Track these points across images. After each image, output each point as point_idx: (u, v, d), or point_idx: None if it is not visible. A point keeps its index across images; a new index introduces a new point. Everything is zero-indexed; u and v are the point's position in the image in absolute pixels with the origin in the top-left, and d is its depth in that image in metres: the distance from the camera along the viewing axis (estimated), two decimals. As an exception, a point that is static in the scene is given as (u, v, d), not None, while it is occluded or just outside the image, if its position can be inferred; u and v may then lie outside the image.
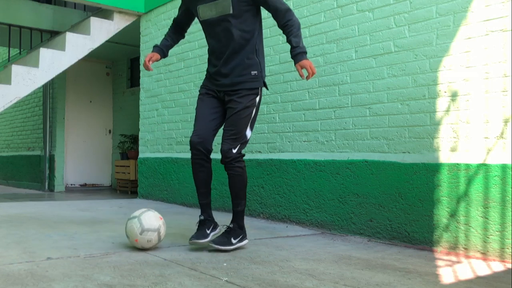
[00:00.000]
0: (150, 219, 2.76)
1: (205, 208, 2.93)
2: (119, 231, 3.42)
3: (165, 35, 3.20)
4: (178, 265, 2.44)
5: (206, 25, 2.92)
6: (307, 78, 2.73)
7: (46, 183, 8.01)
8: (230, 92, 2.87)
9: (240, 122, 2.83)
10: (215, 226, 2.94)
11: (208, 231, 2.86)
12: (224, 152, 2.83)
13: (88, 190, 8.19)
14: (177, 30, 3.21)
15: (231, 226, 2.89)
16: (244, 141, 2.88)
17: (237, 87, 2.85)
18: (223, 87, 2.89)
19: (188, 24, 3.20)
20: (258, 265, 2.49)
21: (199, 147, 2.84)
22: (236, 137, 2.83)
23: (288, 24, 2.78)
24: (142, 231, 2.71)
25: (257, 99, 2.88)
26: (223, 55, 2.87)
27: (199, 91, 3.03)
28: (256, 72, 2.85)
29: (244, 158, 3.02)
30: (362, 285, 2.14)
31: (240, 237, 2.89)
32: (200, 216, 2.92)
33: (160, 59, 3.15)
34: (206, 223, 2.89)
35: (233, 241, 2.85)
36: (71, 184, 8.43)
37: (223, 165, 2.88)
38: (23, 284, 2.00)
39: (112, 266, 2.36)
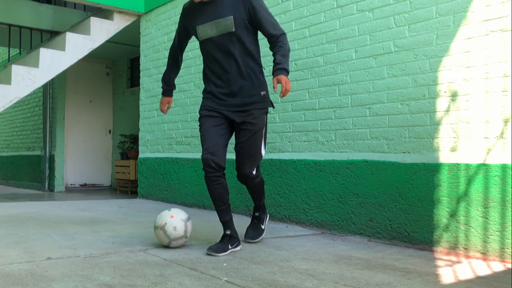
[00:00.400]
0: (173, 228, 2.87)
1: (229, 224, 2.89)
2: (119, 231, 3.42)
3: (167, 71, 3.21)
4: (178, 265, 2.44)
5: (206, 45, 2.87)
6: (281, 95, 2.70)
7: (46, 183, 8.01)
8: (241, 113, 2.86)
9: (256, 145, 2.92)
10: (238, 243, 2.88)
11: (230, 247, 2.80)
12: (245, 175, 2.97)
13: (88, 190, 8.19)
14: (177, 58, 3.18)
15: (256, 214, 3.24)
16: (260, 160, 3.01)
17: (248, 107, 2.84)
18: (232, 107, 2.86)
19: (185, 47, 3.18)
20: (258, 265, 2.49)
21: (213, 164, 2.79)
22: (255, 160, 2.96)
23: (278, 44, 2.81)
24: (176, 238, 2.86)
25: (265, 118, 2.96)
26: (228, 75, 2.84)
27: (200, 112, 2.96)
28: (264, 92, 2.88)
29: (259, 172, 3.13)
30: (362, 285, 2.14)
31: (266, 220, 3.27)
32: (226, 231, 2.87)
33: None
34: (231, 238, 2.85)
35: (262, 226, 3.20)
36: (71, 184, 8.43)
37: (242, 182, 3.08)
38: (23, 284, 2.00)
39: (112, 266, 2.36)
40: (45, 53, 5.55)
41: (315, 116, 3.82)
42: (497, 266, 2.59)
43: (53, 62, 5.60)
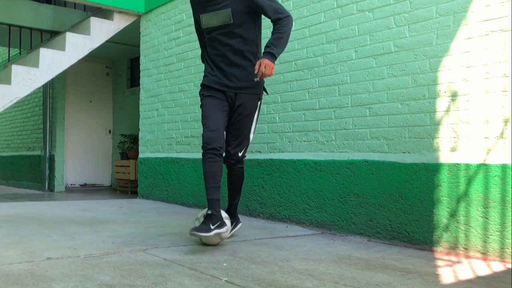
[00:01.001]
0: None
1: (214, 204, 2.90)
2: (119, 231, 3.42)
3: (202, 50, 3.30)
4: (178, 265, 2.44)
5: (208, 32, 3.05)
6: (258, 74, 2.79)
7: (46, 183, 8.01)
8: (234, 96, 3.01)
9: (246, 127, 3.08)
10: (222, 224, 2.87)
11: (212, 226, 2.79)
12: (231, 154, 3.09)
13: (88, 190, 8.19)
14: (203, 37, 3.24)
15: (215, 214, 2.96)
16: (248, 144, 3.16)
17: (241, 91, 3.01)
18: (230, 88, 3.02)
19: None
20: (258, 265, 2.49)
21: (212, 142, 2.89)
22: (243, 141, 3.10)
23: (279, 26, 2.91)
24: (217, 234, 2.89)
25: (259, 103, 3.12)
26: (227, 60, 3.01)
27: (201, 93, 3.10)
28: (258, 79, 2.94)
29: (244, 158, 3.14)
30: (362, 285, 2.14)
31: (235, 223, 3.26)
32: (208, 210, 2.87)
33: None
34: (212, 218, 2.83)
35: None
36: (71, 184, 8.43)
37: (227, 164, 3.13)
38: (23, 284, 2.00)
39: (112, 266, 2.36)
40: (45, 53, 5.55)
41: (315, 116, 3.82)
42: (497, 266, 2.59)
43: (53, 62, 5.60)
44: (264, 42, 3.08)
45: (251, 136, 3.15)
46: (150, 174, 5.85)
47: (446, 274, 2.39)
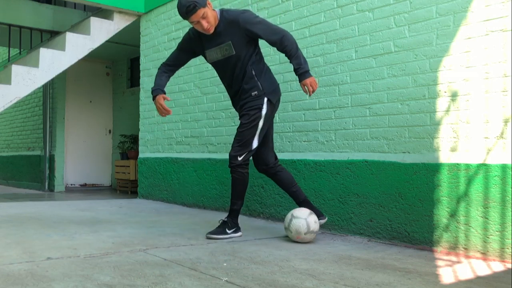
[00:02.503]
0: (314, 223, 3.10)
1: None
2: (119, 231, 3.42)
3: (159, 75, 3.43)
4: (178, 265, 2.44)
5: (214, 65, 3.39)
6: (310, 94, 3.16)
7: (46, 183, 8.01)
8: (240, 114, 3.34)
9: (245, 133, 3.21)
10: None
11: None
12: (231, 157, 3.22)
13: (88, 190, 8.19)
14: (171, 69, 3.50)
15: (225, 220, 3.29)
16: (249, 150, 3.22)
17: (243, 108, 3.28)
18: (236, 107, 3.42)
19: (185, 63, 3.56)
20: (258, 265, 2.49)
21: (262, 166, 3.42)
22: (242, 146, 3.21)
23: (286, 49, 3.15)
24: (307, 231, 3.06)
25: (263, 112, 3.22)
26: (231, 87, 3.35)
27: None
28: (256, 92, 3.23)
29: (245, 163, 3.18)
30: (362, 285, 2.14)
31: (234, 229, 3.29)
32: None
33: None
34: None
35: (228, 231, 3.25)
36: (71, 184, 8.43)
37: (229, 168, 3.26)
38: (23, 284, 2.00)
39: (112, 266, 2.36)
40: (45, 53, 5.55)
41: (315, 116, 3.82)
42: (497, 266, 2.59)
43: (53, 62, 5.60)
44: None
45: (255, 143, 3.24)
46: (150, 174, 5.85)
47: (446, 274, 2.39)
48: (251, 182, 4.34)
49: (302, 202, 3.33)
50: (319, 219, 3.21)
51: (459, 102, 2.94)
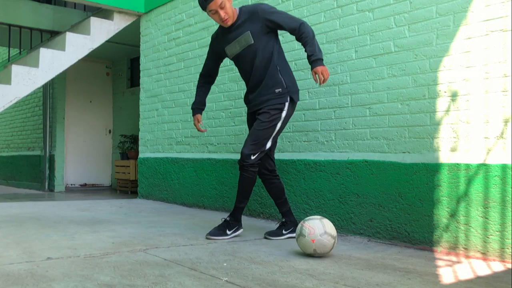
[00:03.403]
0: (330, 225, 2.75)
1: (285, 215, 3.34)
2: (119, 231, 3.42)
3: (197, 90, 3.59)
4: (178, 265, 2.44)
5: (235, 60, 3.35)
6: (320, 83, 3.08)
7: (46, 183, 8.01)
8: (259, 111, 3.23)
9: (262, 132, 3.15)
10: (295, 229, 3.14)
11: (285, 232, 3.30)
12: (244, 156, 3.15)
13: (88, 190, 8.19)
14: (207, 81, 3.59)
15: (228, 219, 3.27)
16: (262, 150, 3.19)
17: (264, 105, 3.19)
18: (253, 107, 3.30)
19: (216, 71, 3.58)
20: (258, 265, 2.49)
21: (262, 169, 3.32)
22: (257, 145, 3.15)
23: (302, 36, 3.13)
24: (323, 233, 2.68)
25: (283, 114, 3.18)
26: (251, 80, 3.28)
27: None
28: (280, 89, 3.18)
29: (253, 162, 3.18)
30: (362, 285, 2.14)
31: (235, 228, 3.27)
32: (282, 219, 3.38)
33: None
34: (285, 224, 3.33)
35: (228, 232, 3.24)
36: (71, 184, 8.43)
37: (239, 165, 3.20)
38: (23, 284, 2.00)
39: (112, 266, 2.36)
40: (45, 53, 5.55)
41: (315, 116, 3.82)
42: (497, 266, 2.59)
43: (53, 62, 5.60)
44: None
45: (268, 144, 3.20)
46: (150, 174, 5.85)
47: (446, 274, 2.39)
48: (251, 182, 4.34)
49: (286, 212, 3.34)
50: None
51: (459, 102, 2.94)
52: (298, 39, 3.17)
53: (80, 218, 4.10)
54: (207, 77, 3.58)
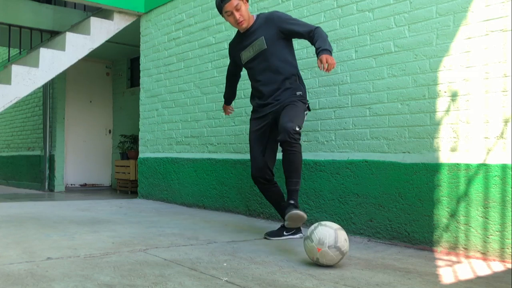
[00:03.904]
0: (344, 239, 2.48)
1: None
2: (119, 231, 3.42)
3: (225, 86, 3.72)
4: (178, 265, 2.44)
5: (248, 64, 3.33)
6: (326, 69, 2.89)
7: (46, 183, 8.01)
8: (279, 109, 3.16)
9: (296, 109, 3.08)
10: (296, 232, 3.34)
11: (286, 234, 3.32)
12: (291, 130, 2.93)
13: (88, 190, 8.19)
14: (232, 78, 3.68)
15: (292, 202, 2.97)
16: (301, 125, 3.03)
17: (288, 99, 3.16)
18: (271, 107, 3.23)
19: (239, 72, 3.65)
20: (258, 265, 2.49)
21: (260, 179, 3.31)
22: (296, 118, 3.02)
23: (315, 36, 3.09)
24: (333, 245, 2.42)
25: (306, 107, 3.20)
26: (266, 83, 3.23)
27: (250, 119, 3.43)
28: (301, 92, 3.20)
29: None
30: (362, 285, 2.14)
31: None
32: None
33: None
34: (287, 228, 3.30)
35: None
36: (71, 184, 8.43)
37: (285, 143, 2.98)
38: (23, 284, 2.00)
39: (112, 266, 2.36)
40: (45, 53, 5.55)
41: (315, 116, 3.82)
42: (497, 266, 2.59)
43: (53, 62, 5.60)
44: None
45: (301, 123, 3.06)
46: (150, 174, 5.85)
47: (446, 274, 2.39)
48: (250, 182, 4.34)
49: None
50: (297, 234, 3.32)
51: (459, 102, 2.94)
52: (310, 39, 3.13)
53: (80, 218, 4.10)
54: (233, 76, 3.67)
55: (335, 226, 2.52)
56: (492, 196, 2.73)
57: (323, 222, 2.55)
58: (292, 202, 2.96)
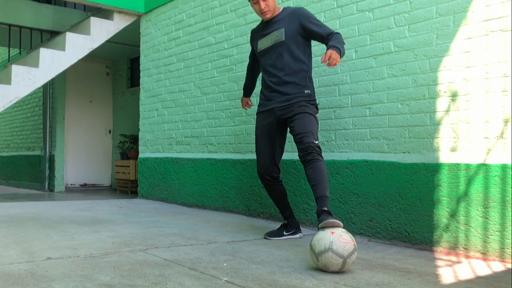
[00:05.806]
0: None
1: (288, 218, 3.38)
2: (119, 231, 3.42)
3: (245, 78, 3.71)
4: (178, 265, 2.44)
5: (263, 54, 3.30)
6: (328, 63, 2.85)
7: (46, 183, 8.01)
8: (288, 106, 3.13)
9: (306, 121, 3.05)
10: (296, 231, 3.36)
11: (286, 233, 3.32)
12: (311, 144, 2.95)
13: (88, 190, 8.19)
14: (251, 68, 3.64)
15: (325, 209, 2.82)
16: (315, 134, 3.04)
17: (294, 101, 3.12)
18: (280, 102, 3.17)
19: (257, 66, 3.56)
20: (258, 265, 2.49)
21: (266, 176, 3.30)
22: (313, 132, 3.03)
23: (332, 38, 3.04)
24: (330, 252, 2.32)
25: (316, 109, 3.17)
26: (279, 78, 3.18)
27: (256, 113, 3.39)
28: (309, 91, 3.15)
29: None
30: (362, 285, 2.14)
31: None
32: (284, 221, 3.40)
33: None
34: (287, 226, 3.35)
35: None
36: (71, 184, 8.43)
37: (307, 159, 2.93)
38: (23, 284, 2.00)
39: (112, 266, 2.36)
40: (45, 53, 5.55)
41: (315, 116, 3.82)
42: (497, 266, 2.59)
43: (53, 62, 5.60)
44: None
45: (316, 135, 3.05)
46: (150, 174, 5.85)
47: (446, 274, 2.39)
48: (250, 182, 4.34)
49: (288, 216, 3.36)
50: (297, 234, 3.34)
51: (459, 102, 2.94)
52: (327, 40, 3.06)
53: (80, 218, 4.10)
54: (252, 67, 3.63)
55: (349, 239, 2.37)
56: (492, 196, 2.73)
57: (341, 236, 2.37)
58: (325, 209, 2.81)
